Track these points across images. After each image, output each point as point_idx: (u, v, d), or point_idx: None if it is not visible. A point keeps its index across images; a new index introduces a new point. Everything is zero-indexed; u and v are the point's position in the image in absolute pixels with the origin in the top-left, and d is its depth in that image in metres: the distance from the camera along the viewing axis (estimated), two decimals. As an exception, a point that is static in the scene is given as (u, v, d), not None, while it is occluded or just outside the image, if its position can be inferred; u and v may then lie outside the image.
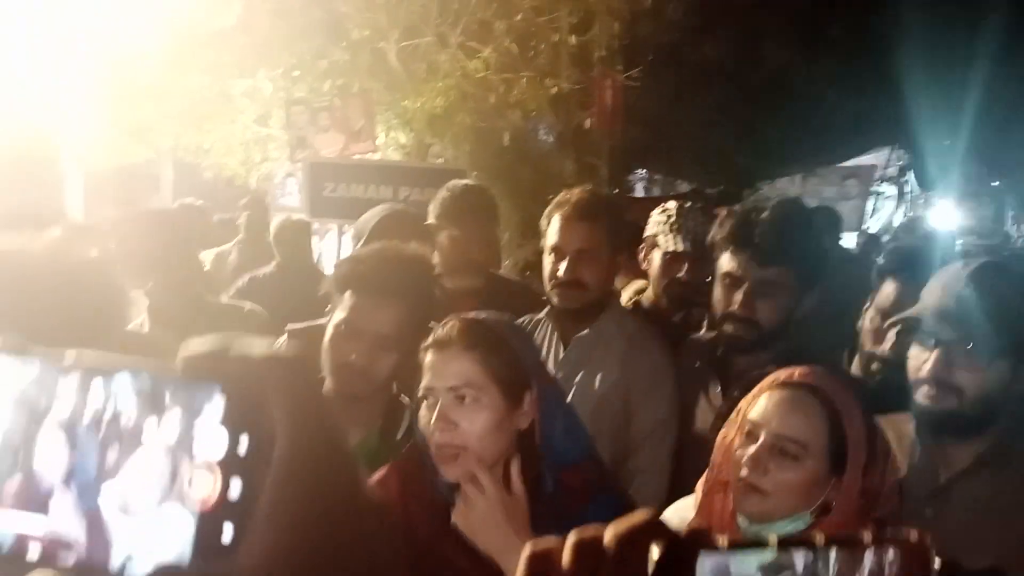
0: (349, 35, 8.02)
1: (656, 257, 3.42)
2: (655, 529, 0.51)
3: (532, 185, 8.49)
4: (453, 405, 1.82)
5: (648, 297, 3.49)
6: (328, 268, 5.90)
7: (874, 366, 2.59)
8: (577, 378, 2.87)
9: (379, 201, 7.03)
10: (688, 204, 3.54)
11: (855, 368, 2.68)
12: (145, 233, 3.35)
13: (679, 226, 3.37)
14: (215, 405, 0.53)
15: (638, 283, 3.74)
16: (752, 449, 1.78)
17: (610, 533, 0.52)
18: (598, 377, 2.90)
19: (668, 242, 3.37)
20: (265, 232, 6.23)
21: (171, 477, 0.53)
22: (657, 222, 3.44)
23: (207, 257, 6.16)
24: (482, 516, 1.75)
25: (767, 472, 1.76)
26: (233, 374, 0.55)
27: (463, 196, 3.58)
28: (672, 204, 3.51)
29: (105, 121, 8.38)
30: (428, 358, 1.87)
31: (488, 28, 8.09)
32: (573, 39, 8.52)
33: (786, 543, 0.51)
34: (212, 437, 0.53)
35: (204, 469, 0.53)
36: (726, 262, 2.64)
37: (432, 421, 1.82)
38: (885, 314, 2.56)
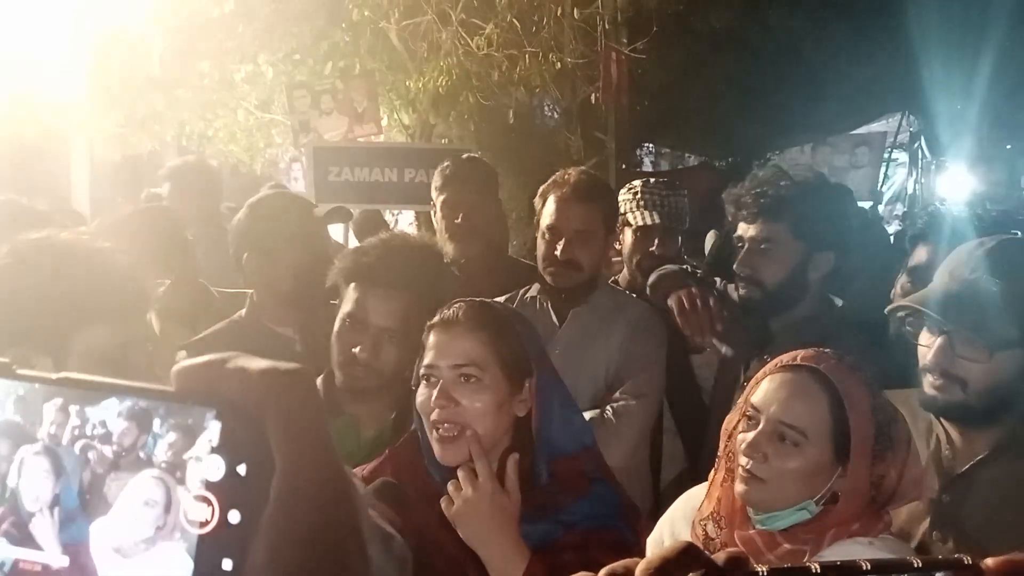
0: (349, 16, 7.93)
1: (627, 234, 3.43)
2: (690, 558, 0.48)
3: (539, 162, 8.41)
4: (455, 383, 1.80)
5: (624, 277, 3.49)
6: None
7: (906, 331, 2.52)
8: (576, 351, 2.92)
9: (385, 184, 7.01)
10: (653, 180, 3.59)
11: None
12: (143, 230, 3.32)
13: (646, 201, 3.39)
14: (210, 430, 0.50)
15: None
16: (751, 436, 1.74)
17: (643, 567, 0.49)
18: (597, 349, 2.96)
19: (637, 217, 3.38)
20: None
21: (166, 507, 0.50)
22: (624, 200, 3.44)
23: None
24: (470, 506, 1.72)
25: (766, 459, 1.71)
26: (229, 392, 0.51)
27: (462, 165, 3.66)
28: (637, 182, 3.53)
29: (110, 112, 8.36)
30: (432, 338, 1.85)
31: (490, 4, 7.98)
32: (576, 12, 8.41)
33: (828, 569, 0.49)
34: (207, 464, 0.50)
35: (200, 498, 0.50)
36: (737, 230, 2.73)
37: (433, 399, 1.79)
38: (918, 279, 2.52)
